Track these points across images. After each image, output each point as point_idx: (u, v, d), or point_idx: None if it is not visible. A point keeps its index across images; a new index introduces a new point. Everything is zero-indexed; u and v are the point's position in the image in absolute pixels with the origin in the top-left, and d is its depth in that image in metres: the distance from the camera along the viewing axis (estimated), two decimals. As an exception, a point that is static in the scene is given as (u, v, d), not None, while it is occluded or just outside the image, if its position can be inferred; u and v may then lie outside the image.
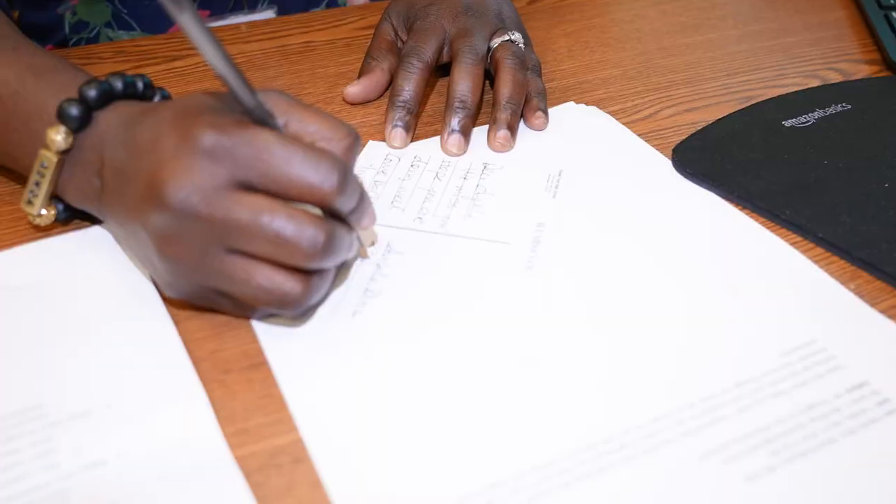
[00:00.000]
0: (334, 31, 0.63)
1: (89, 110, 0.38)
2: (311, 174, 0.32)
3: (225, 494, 0.29)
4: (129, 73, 0.40)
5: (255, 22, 0.65)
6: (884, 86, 0.55)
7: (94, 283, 0.38)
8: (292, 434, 0.32)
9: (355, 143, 0.35)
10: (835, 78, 0.57)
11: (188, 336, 0.36)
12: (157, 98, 0.41)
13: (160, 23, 0.68)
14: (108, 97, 0.38)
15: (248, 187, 0.33)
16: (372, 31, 0.61)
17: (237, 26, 0.64)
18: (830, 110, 0.52)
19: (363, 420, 0.32)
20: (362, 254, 0.40)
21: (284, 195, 0.33)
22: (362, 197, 0.35)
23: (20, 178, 0.43)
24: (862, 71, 0.58)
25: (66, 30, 0.68)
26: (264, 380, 0.34)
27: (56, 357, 0.34)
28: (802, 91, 0.54)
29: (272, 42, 0.61)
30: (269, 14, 0.70)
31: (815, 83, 0.56)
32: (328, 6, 0.73)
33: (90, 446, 0.31)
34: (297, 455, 0.31)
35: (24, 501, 0.29)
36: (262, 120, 0.34)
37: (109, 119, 0.38)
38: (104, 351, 0.35)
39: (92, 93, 0.38)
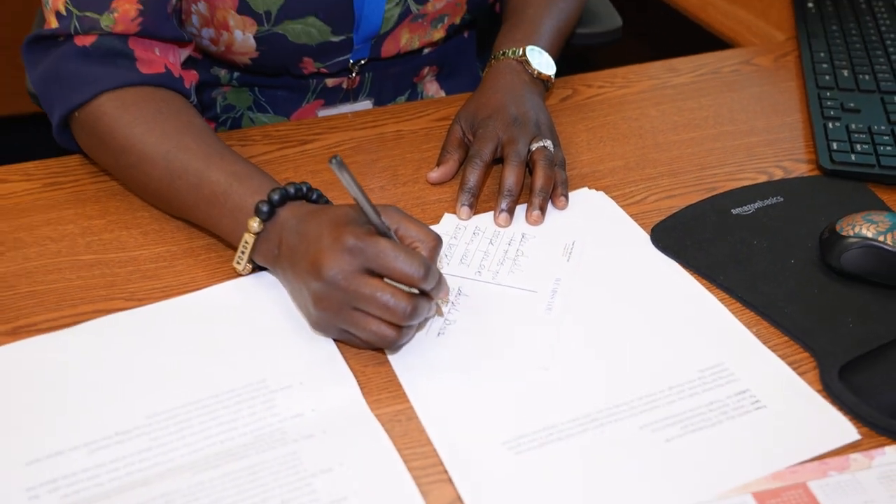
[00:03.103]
0: (418, 121, 0.86)
1: (274, 208, 0.61)
2: (408, 268, 0.55)
3: (369, 435, 0.53)
4: (273, 153, 0.64)
5: (358, 112, 0.88)
6: (811, 183, 0.77)
7: (275, 304, 0.62)
8: (406, 403, 0.55)
9: (438, 245, 0.59)
10: (778, 174, 0.79)
11: (340, 346, 0.59)
12: (314, 196, 0.64)
13: (287, 107, 0.92)
14: (285, 198, 0.62)
15: (371, 273, 0.56)
16: (445, 122, 0.85)
17: (345, 115, 0.87)
18: (768, 202, 0.74)
19: (446, 391, 0.55)
20: (439, 313, 0.63)
21: (391, 279, 0.56)
22: (439, 280, 0.58)
23: (221, 239, 0.67)
24: (800, 169, 0.80)
25: (218, 109, 0.93)
26: (387, 371, 0.57)
27: (268, 349, 0.58)
28: (749, 186, 0.76)
29: (372, 130, 0.85)
30: (367, 104, 0.93)
31: (763, 178, 0.78)
32: (409, 98, 0.97)
33: (294, 404, 0.54)
34: (410, 415, 0.54)
35: (259, 433, 0.53)
36: (382, 231, 0.57)
37: (286, 214, 0.61)
38: (298, 348, 0.58)
39: (276, 196, 0.61)
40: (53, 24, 0.70)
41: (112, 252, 0.68)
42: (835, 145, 0.79)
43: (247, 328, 0.61)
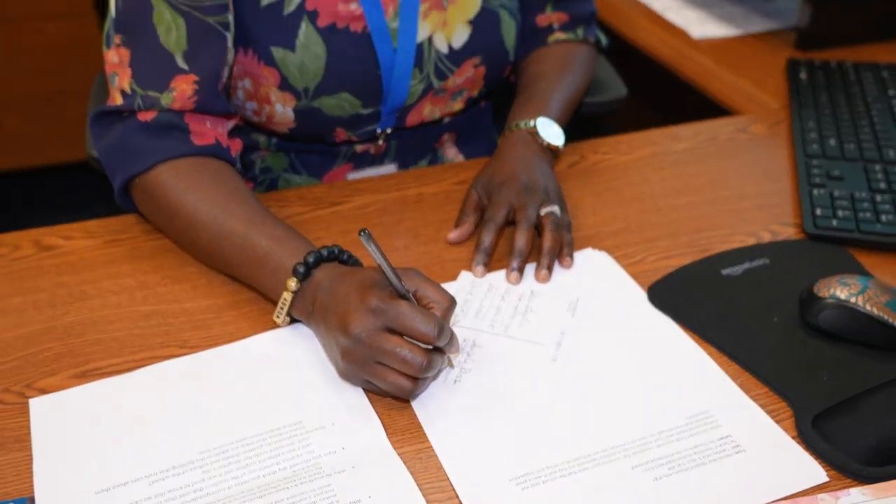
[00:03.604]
0: (438, 185, 0.95)
1: (309, 269, 0.70)
2: (423, 328, 0.63)
3: (393, 471, 0.60)
4: (307, 214, 0.72)
5: (383, 176, 0.97)
6: (796, 247, 0.85)
7: (310, 354, 0.70)
8: (426, 443, 0.63)
9: (452, 306, 0.67)
10: (766, 237, 0.86)
11: (367, 392, 0.67)
12: (345, 257, 0.72)
13: (320, 169, 1.01)
14: (319, 260, 0.70)
15: (392, 331, 0.64)
16: (463, 185, 0.93)
17: (372, 179, 0.96)
18: (755, 263, 0.81)
19: (461, 432, 0.63)
20: (450, 365, 0.70)
21: (409, 337, 0.63)
22: (451, 337, 0.66)
23: (262, 294, 0.75)
24: (786, 232, 0.87)
25: (257, 171, 1.02)
26: (409, 414, 0.65)
27: (303, 394, 0.66)
28: (739, 248, 0.84)
29: (396, 193, 0.93)
30: (391, 168, 1.02)
31: (752, 240, 0.86)
32: (430, 162, 1.05)
33: (327, 443, 0.62)
34: (429, 454, 0.62)
35: (297, 468, 0.60)
36: (402, 293, 0.65)
37: (320, 275, 0.69)
38: (330, 393, 0.66)
39: (311, 259, 0.69)
40: (119, 100, 0.80)
41: (166, 304, 0.76)
42: (818, 211, 0.87)
43: (285, 374, 0.69)
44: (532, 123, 0.91)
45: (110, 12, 0.82)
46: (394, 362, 0.63)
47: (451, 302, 0.67)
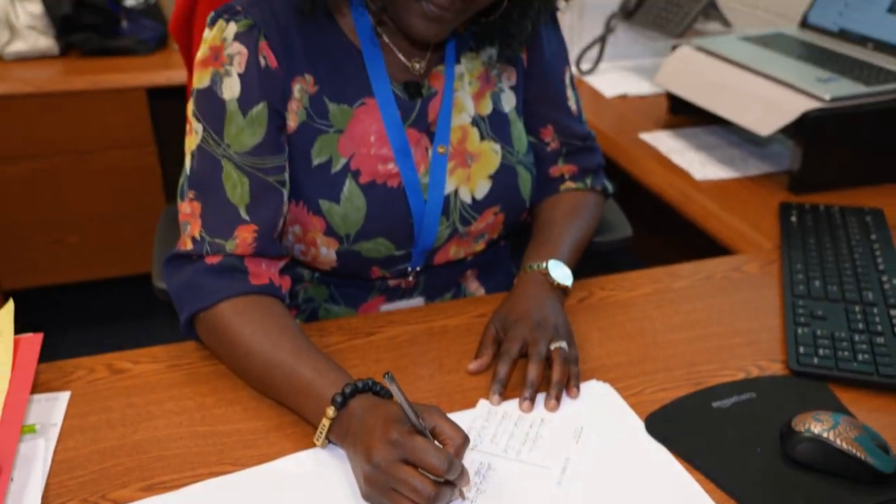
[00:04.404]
0: (461, 318, 1.07)
1: (346, 400, 0.81)
2: (435, 462, 0.73)
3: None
4: (345, 343, 0.84)
5: (412, 308, 1.09)
6: (780, 382, 0.94)
7: (344, 472, 0.80)
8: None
9: (465, 443, 0.77)
10: (754, 372, 0.96)
11: (395, 506, 0.77)
12: (378, 388, 0.84)
13: (356, 301, 1.13)
14: (355, 392, 0.81)
15: (408, 462, 0.74)
16: (483, 318, 1.05)
17: (402, 311, 1.08)
18: (742, 397, 0.91)
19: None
20: (461, 496, 0.80)
21: (423, 469, 0.73)
22: (462, 472, 0.75)
23: (300, 416, 0.86)
24: (773, 368, 0.97)
25: (300, 300, 1.15)
26: (431, 531, 0.74)
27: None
28: (728, 383, 0.93)
29: (423, 325, 1.05)
30: (420, 301, 1.15)
31: (741, 375, 0.96)
32: (455, 295, 1.18)
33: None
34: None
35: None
36: (420, 430, 0.76)
37: (355, 405, 0.80)
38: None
39: (348, 390, 0.81)
40: (189, 245, 0.94)
41: (221, 424, 0.87)
42: (802, 349, 0.97)
43: (321, 489, 0.79)
44: (544, 265, 1.04)
45: (185, 169, 0.97)
46: (406, 490, 0.73)
47: (465, 439, 0.77)
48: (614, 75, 2.01)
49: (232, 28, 0.94)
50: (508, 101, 1.10)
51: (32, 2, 2.01)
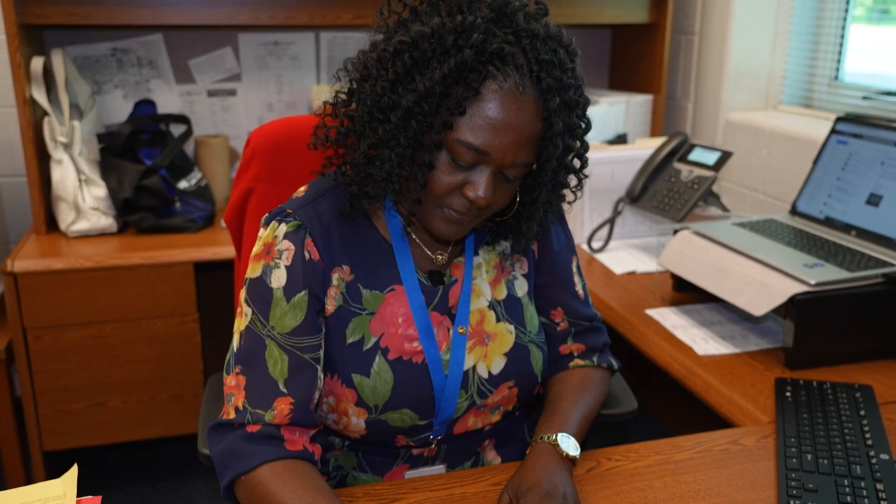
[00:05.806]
0: (478, 485, 1.15)
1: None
2: None
3: None
4: None
5: (434, 475, 1.18)
6: None
7: None
8: None
9: None
10: None
11: None
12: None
13: (382, 468, 1.23)
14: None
15: None
16: (499, 486, 1.14)
17: (425, 478, 1.17)
18: None
19: None
20: None
21: None
22: None
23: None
24: None
25: (330, 467, 1.25)
26: None
27: None
28: None
29: (444, 492, 1.14)
30: (441, 468, 1.24)
31: None
32: (474, 463, 1.27)
33: None
34: None
35: None
36: None
37: None
38: None
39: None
40: (232, 415, 1.06)
41: (256, 583, 0.96)
42: (794, 521, 1.04)
43: None
44: (554, 437, 1.14)
45: (232, 346, 1.11)
46: None
47: None
48: (623, 253, 2.17)
49: (283, 228, 1.11)
50: (521, 287, 1.25)
51: (98, 186, 2.25)
